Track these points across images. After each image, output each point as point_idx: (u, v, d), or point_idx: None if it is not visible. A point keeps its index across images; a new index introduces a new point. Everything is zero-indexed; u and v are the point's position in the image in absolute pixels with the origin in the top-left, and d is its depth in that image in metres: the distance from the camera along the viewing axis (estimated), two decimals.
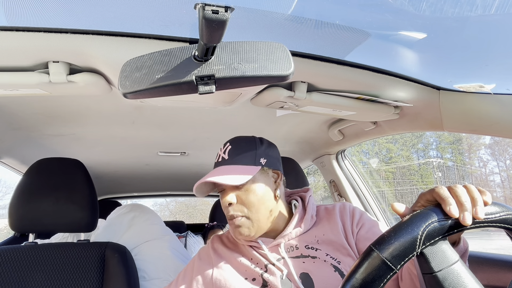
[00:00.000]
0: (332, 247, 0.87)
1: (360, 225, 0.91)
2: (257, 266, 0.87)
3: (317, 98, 1.00)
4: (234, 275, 0.86)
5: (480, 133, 0.99)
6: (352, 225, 0.91)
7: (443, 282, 0.48)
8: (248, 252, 0.91)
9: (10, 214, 1.11)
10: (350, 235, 0.89)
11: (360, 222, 0.91)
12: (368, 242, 0.86)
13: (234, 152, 0.90)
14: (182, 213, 18.15)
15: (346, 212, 0.94)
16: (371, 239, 0.87)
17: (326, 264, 0.83)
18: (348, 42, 0.84)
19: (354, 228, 0.90)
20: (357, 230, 0.90)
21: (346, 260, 0.85)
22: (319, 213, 0.97)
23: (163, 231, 1.51)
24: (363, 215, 0.94)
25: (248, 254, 0.91)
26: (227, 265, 0.89)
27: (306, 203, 0.97)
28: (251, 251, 0.90)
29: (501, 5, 0.64)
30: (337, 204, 0.98)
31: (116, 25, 0.73)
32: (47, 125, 1.35)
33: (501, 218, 0.51)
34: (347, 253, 0.86)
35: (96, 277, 1.10)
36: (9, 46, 0.74)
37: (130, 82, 0.54)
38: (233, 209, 0.86)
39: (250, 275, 0.86)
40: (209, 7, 0.45)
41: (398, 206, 0.57)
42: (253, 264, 0.87)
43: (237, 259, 0.89)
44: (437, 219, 0.50)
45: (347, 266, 0.83)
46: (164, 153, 1.83)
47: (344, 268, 0.83)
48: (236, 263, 0.89)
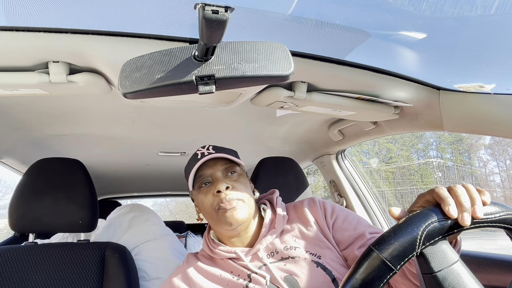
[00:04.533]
0: (310, 243, 0.87)
1: (334, 217, 0.91)
2: (239, 278, 0.85)
3: (317, 98, 1.00)
4: None
5: (480, 133, 0.99)
6: (325, 218, 0.91)
7: (443, 282, 0.48)
8: (228, 266, 0.88)
9: (10, 214, 1.11)
10: (326, 228, 0.89)
11: (334, 214, 0.92)
12: (346, 232, 0.88)
13: (219, 148, 0.93)
14: (182, 213, 18.16)
15: (316, 206, 0.94)
16: (347, 229, 0.88)
17: (307, 261, 0.83)
18: (348, 42, 0.84)
19: (329, 220, 0.91)
20: (332, 222, 0.90)
21: (325, 253, 0.84)
22: (289, 212, 0.97)
23: (163, 231, 1.51)
24: (335, 207, 0.94)
25: (227, 268, 0.88)
26: (207, 282, 0.87)
27: (274, 204, 0.97)
28: (231, 263, 0.88)
29: (501, 5, 0.64)
30: (305, 200, 0.99)
31: (116, 25, 0.73)
32: (47, 125, 1.35)
33: (500, 218, 0.51)
34: (325, 246, 0.86)
35: (96, 277, 1.10)
36: (9, 46, 0.74)
37: (130, 82, 0.54)
38: (230, 193, 0.86)
39: None
40: (209, 7, 0.45)
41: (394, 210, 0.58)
42: (235, 277, 0.85)
43: (217, 275, 0.87)
44: (437, 219, 0.50)
45: (328, 259, 0.83)
46: (164, 153, 1.83)
47: (325, 261, 0.83)
48: (216, 279, 0.87)
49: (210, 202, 0.87)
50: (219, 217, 0.86)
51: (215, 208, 0.86)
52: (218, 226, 0.89)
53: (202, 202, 0.89)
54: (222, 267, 0.89)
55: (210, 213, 0.88)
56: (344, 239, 0.87)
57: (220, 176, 0.89)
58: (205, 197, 0.88)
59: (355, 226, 0.88)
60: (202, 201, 0.89)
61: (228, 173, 0.91)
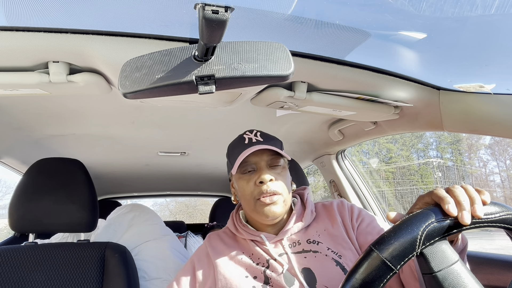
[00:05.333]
0: (333, 241, 0.89)
1: (360, 220, 0.93)
2: (258, 262, 0.87)
3: (317, 98, 1.00)
4: (236, 273, 0.86)
5: (480, 133, 0.99)
6: (351, 220, 0.93)
7: (443, 282, 0.48)
8: (249, 248, 0.91)
9: (10, 214, 1.11)
10: (350, 230, 0.91)
11: (359, 217, 0.94)
12: (369, 236, 0.88)
13: (266, 136, 0.93)
14: (182, 213, 18.16)
15: (344, 208, 0.96)
16: (371, 233, 0.89)
17: (328, 258, 0.84)
18: (348, 42, 0.84)
19: (354, 222, 0.92)
20: (357, 225, 0.92)
21: (347, 254, 0.86)
22: (317, 209, 0.99)
23: (163, 231, 1.51)
24: (362, 210, 0.96)
25: (248, 250, 0.91)
26: (227, 263, 0.89)
27: (304, 200, 0.99)
28: (253, 246, 0.90)
29: (501, 5, 0.64)
30: (334, 200, 1.01)
31: (116, 25, 0.73)
32: (47, 125, 1.35)
33: (500, 218, 0.51)
34: (348, 247, 0.87)
35: (96, 277, 1.10)
36: (9, 46, 0.74)
37: (130, 82, 0.54)
38: (273, 185, 0.87)
39: (252, 273, 0.86)
40: (209, 7, 0.45)
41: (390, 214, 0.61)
42: (254, 261, 0.87)
43: (237, 257, 0.89)
44: (437, 219, 0.50)
45: (348, 260, 0.84)
46: (164, 153, 1.83)
47: (345, 262, 0.84)
48: (237, 261, 0.89)
49: (251, 190, 0.88)
50: (257, 207, 0.87)
51: (255, 198, 0.88)
52: (253, 214, 0.91)
53: (243, 188, 0.90)
54: (243, 248, 0.92)
55: (248, 201, 0.89)
56: (366, 243, 0.88)
57: (264, 167, 0.90)
58: (247, 184, 0.89)
59: (379, 231, 0.90)
60: (243, 187, 0.90)
61: (273, 164, 0.91)
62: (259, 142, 0.90)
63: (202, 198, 3.48)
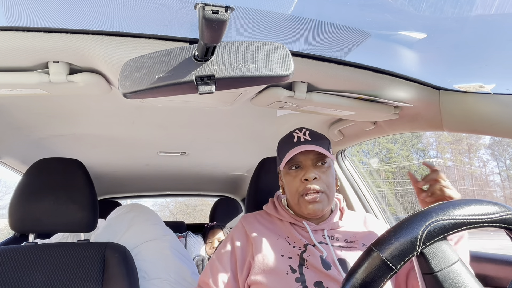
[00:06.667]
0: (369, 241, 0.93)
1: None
2: (295, 245, 0.90)
3: (317, 98, 1.00)
4: (272, 251, 0.90)
5: (480, 133, 0.99)
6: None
7: (443, 282, 0.48)
8: (286, 230, 0.94)
9: (10, 214, 1.11)
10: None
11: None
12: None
13: (315, 135, 0.96)
14: (182, 213, 18.13)
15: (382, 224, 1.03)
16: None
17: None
18: (348, 42, 0.84)
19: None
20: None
21: None
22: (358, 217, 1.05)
23: (163, 231, 1.51)
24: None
25: (285, 232, 0.94)
26: (264, 242, 0.92)
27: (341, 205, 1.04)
28: (291, 229, 0.94)
29: (501, 5, 0.64)
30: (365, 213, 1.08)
31: (116, 25, 0.73)
32: (47, 125, 1.35)
33: (501, 218, 0.51)
34: None
35: (96, 277, 1.10)
36: (9, 46, 0.74)
37: (130, 82, 0.54)
38: (317, 183, 0.90)
39: (287, 253, 0.89)
40: (209, 7, 0.45)
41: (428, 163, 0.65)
42: (291, 244, 0.91)
43: (273, 237, 0.93)
44: (437, 219, 0.50)
45: None
46: (164, 153, 1.83)
47: None
48: (273, 240, 0.92)
49: (296, 186, 0.93)
50: (300, 203, 0.92)
51: (300, 194, 0.92)
52: (296, 207, 0.95)
53: (289, 184, 0.95)
54: (280, 230, 0.96)
55: (293, 195, 0.94)
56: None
57: (310, 165, 0.93)
58: (293, 180, 0.93)
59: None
60: (290, 182, 0.95)
61: (319, 162, 0.94)
62: (307, 142, 0.94)
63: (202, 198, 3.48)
